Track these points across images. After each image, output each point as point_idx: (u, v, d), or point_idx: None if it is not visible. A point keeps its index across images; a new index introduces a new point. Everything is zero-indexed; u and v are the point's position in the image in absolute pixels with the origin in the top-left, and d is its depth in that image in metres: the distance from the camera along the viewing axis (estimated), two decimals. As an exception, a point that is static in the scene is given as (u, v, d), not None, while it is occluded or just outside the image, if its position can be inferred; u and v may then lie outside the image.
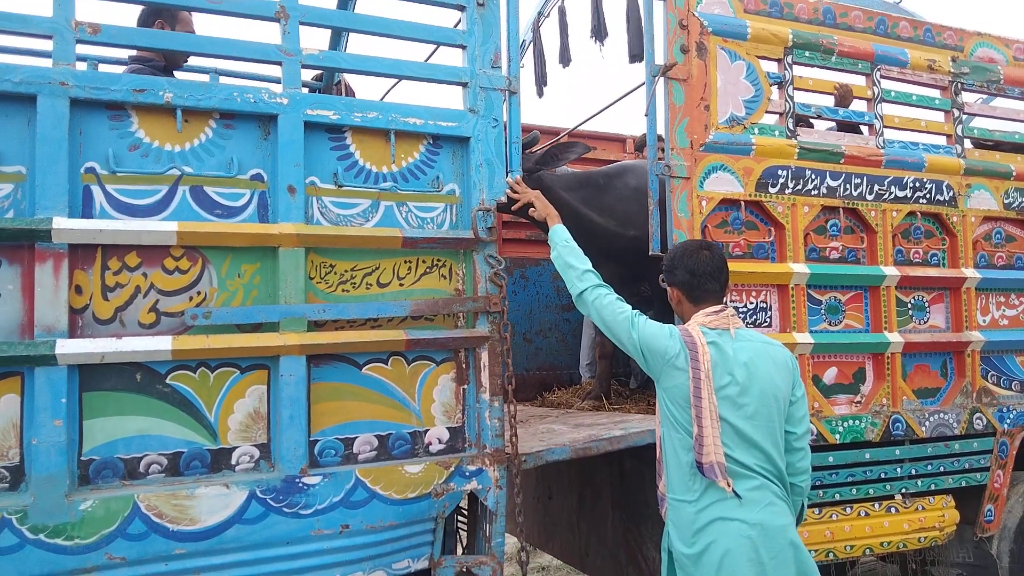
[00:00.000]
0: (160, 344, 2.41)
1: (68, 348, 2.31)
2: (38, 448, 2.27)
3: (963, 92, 4.23)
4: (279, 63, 2.65)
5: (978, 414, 4.05)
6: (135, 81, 2.48)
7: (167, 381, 2.47)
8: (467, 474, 2.79)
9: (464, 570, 2.82)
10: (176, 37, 2.57)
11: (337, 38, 4.31)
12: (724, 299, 2.62)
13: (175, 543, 2.38)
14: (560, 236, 2.82)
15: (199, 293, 2.52)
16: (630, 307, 2.58)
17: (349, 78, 4.63)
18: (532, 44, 5.10)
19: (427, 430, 2.81)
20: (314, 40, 2.73)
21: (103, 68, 3.63)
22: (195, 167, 2.55)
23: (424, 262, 2.85)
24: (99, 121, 2.45)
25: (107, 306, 2.43)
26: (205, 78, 3.89)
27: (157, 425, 2.45)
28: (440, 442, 2.83)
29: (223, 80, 3.57)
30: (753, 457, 2.43)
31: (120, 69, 3.40)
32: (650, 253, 3.45)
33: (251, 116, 2.61)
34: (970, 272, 4.10)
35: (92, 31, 2.44)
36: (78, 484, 2.35)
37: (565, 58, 4.81)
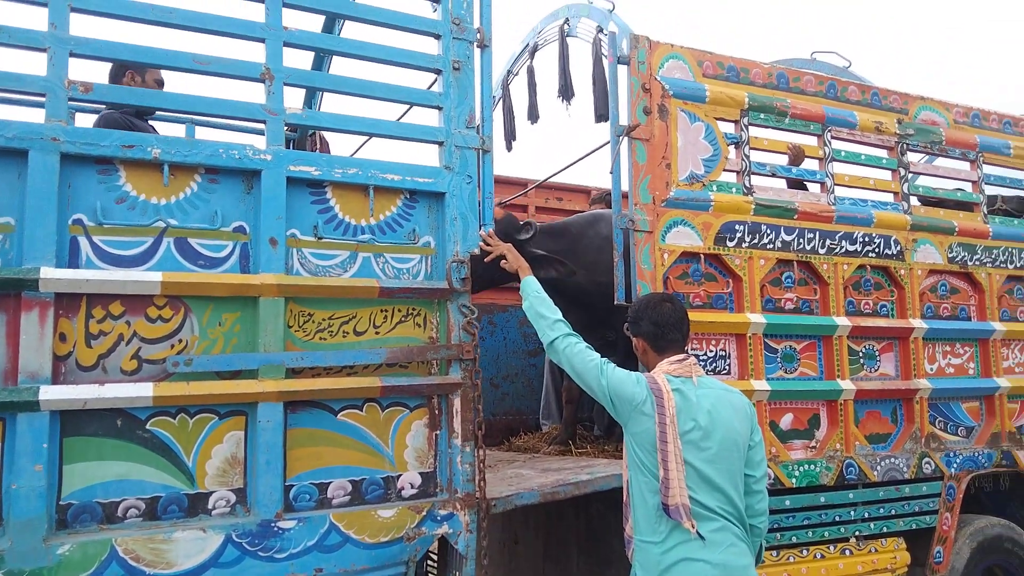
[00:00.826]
0: (141, 391, 2.48)
1: (51, 395, 2.36)
2: (17, 493, 2.31)
3: (908, 152, 4.50)
4: (263, 121, 2.78)
5: (927, 459, 4.24)
6: (124, 137, 2.59)
7: (147, 427, 2.53)
8: (438, 518, 2.87)
9: (434, 613, 2.88)
10: (164, 96, 2.68)
11: (312, 95, 4.46)
12: (686, 348, 2.77)
13: (151, 587, 2.42)
14: (531, 287, 2.96)
15: (180, 341, 2.60)
16: (599, 355, 2.72)
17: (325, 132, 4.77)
18: (501, 100, 5.29)
19: (400, 475, 2.90)
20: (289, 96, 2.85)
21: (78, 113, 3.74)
22: (180, 219, 2.65)
23: (400, 311, 2.97)
24: (88, 175, 2.54)
25: (90, 353, 2.49)
26: (179, 127, 4.00)
27: (136, 470, 2.50)
28: (412, 487, 2.91)
29: (199, 130, 3.68)
30: (715, 499, 2.55)
31: (94, 117, 3.50)
32: (615, 302, 3.60)
33: (235, 171, 2.72)
34: (917, 323, 4.32)
35: (84, 90, 2.55)
36: (56, 528, 2.38)
37: (533, 115, 5.01)
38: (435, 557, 3.22)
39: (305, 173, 2.80)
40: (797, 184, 4.49)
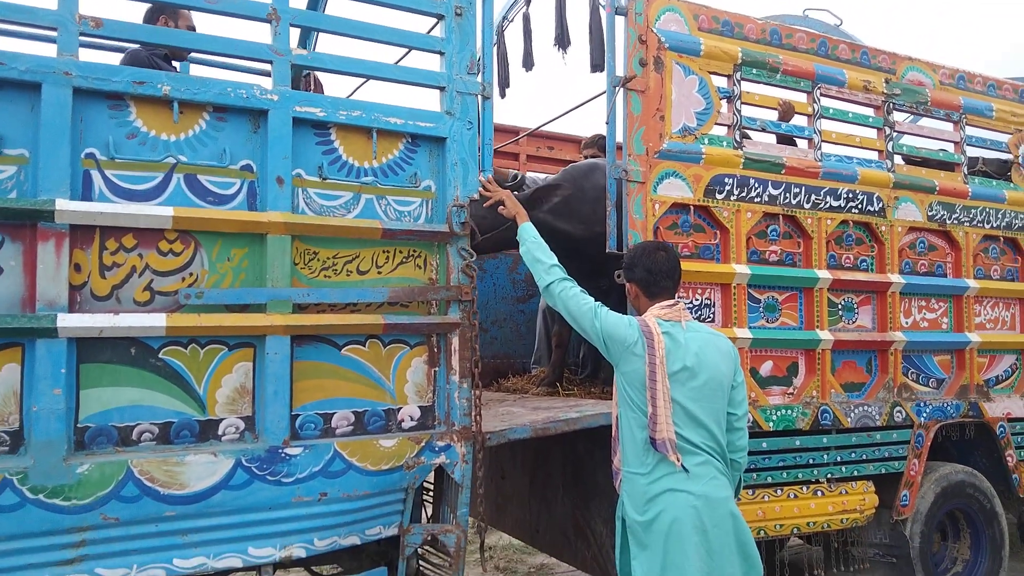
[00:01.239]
0: (155, 321, 2.58)
1: (68, 322, 2.46)
2: (38, 415, 2.42)
3: (894, 112, 4.61)
4: (270, 62, 2.83)
5: (898, 407, 4.44)
6: (134, 73, 2.64)
7: (160, 356, 2.64)
8: (436, 449, 3.02)
9: (430, 537, 3.05)
10: (173, 34, 2.72)
11: (307, 35, 4.47)
12: (676, 295, 2.90)
13: (166, 506, 2.55)
14: (529, 233, 3.06)
15: (191, 274, 2.70)
16: (593, 299, 2.84)
17: (319, 73, 4.78)
18: (495, 46, 5.31)
19: (400, 408, 3.03)
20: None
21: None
22: (189, 156, 2.72)
23: (401, 252, 3.07)
24: (99, 110, 2.60)
25: (104, 284, 2.58)
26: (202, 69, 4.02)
27: (149, 396, 2.62)
28: (412, 419, 3.05)
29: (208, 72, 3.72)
30: (700, 436, 2.71)
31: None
32: (607, 251, 3.72)
33: (243, 110, 2.78)
34: (895, 277, 4.48)
35: (95, 24, 2.59)
36: (75, 449, 2.51)
37: (528, 62, 5.05)
38: (431, 486, 3.38)
39: (310, 114, 2.87)
40: (786, 140, 4.59)
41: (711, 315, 3.97)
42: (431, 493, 3.45)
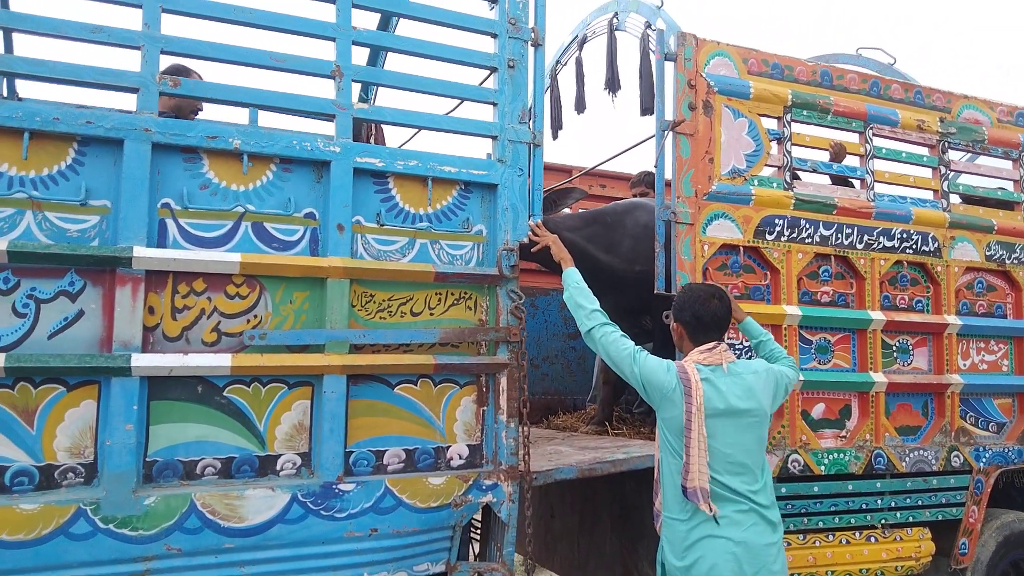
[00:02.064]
0: (221, 360, 2.73)
1: (141, 361, 2.62)
2: (111, 448, 2.58)
3: (950, 150, 4.57)
4: (332, 116, 2.99)
5: (956, 452, 4.35)
6: (208, 128, 2.83)
7: (224, 393, 2.79)
8: (484, 488, 3.10)
9: (476, 575, 3.11)
10: (242, 91, 2.89)
11: (367, 88, 4.67)
12: (722, 339, 2.93)
13: (225, 538, 2.68)
14: (572, 278, 3.14)
15: (256, 316, 2.85)
16: (633, 343, 2.90)
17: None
18: (549, 89, 5.45)
19: (449, 446, 3.12)
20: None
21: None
22: (257, 205, 2.88)
23: (453, 294, 3.18)
24: (175, 163, 2.79)
25: (175, 325, 2.75)
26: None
27: (213, 432, 2.77)
28: (460, 458, 3.14)
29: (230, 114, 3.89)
30: (742, 481, 2.72)
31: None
32: (655, 291, 3.77)
33: (307, 162, 2.95)
34: (952, 319, 4.41)
35: (173, 84, 2.79)
36: (143, 482, 2.66)
37: (580, 106, 5.17)
38: (478, 524, 3.45)
39: (370, 164, 3.02)
40: (841, 181, 4.59)
41: (761, 357, 3.97)
42: (479, 531, 3.52)
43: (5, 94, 3.95)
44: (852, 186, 4.50)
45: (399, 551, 2.96)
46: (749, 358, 3.91)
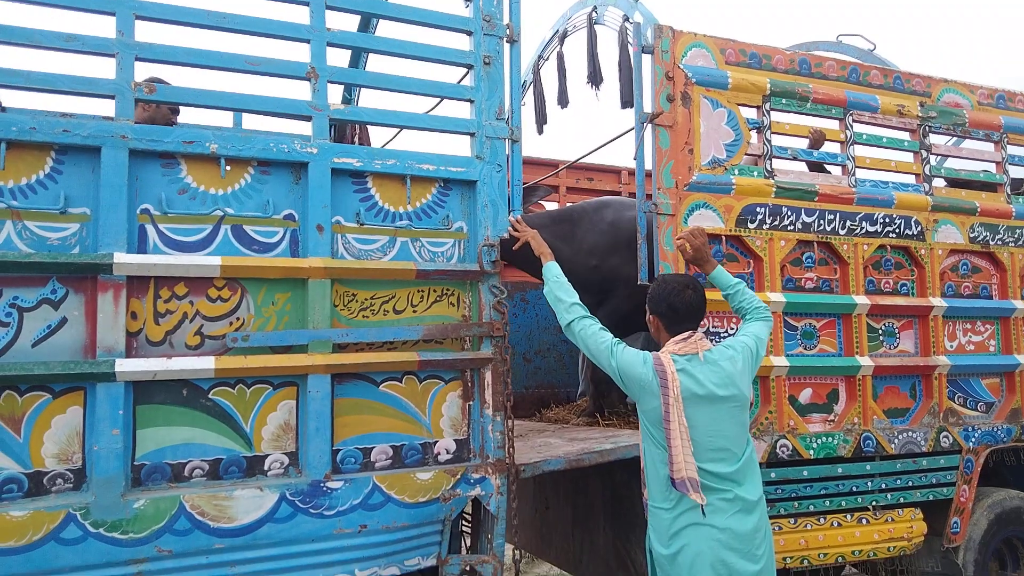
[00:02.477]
0: (204, 363, 2.76)
1: (125, 367, 2.65)
2: (99, 454, 2.61)
3: (930, 134, 4.59)
4: (309, 118, 3.02)
5: (945, 433, 4.37)
6: (185, 133, 2.85)
7: (209, 396, 2.81)
8: (472, 481, 3.13)
9: (468, 568, 3.14)
10: (217, 95, 2.91)
11: (350, 88, 4.69)
12: (697, 328, 2.94)
13: (215, 539, 2.71)
14: (552, 272, 3.16)
15: (238, 319, 2.88)
16: (611, 336, 2.92)
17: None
18: (532, 85, 5.47)
19: (436, 441, 3.15)
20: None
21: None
22: (236, 208, 2.91)
23: (435, 291, 3.21)
24: (153, 168, 2.82)
25: (158, 330, 2.78)
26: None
27: (200, 435, 2.79)
28: (448, 452, 3.17)
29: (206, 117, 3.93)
30: (725, 466, 2.74)
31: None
32: (638, 283, 3.80)
33: (285, 163, 2.97)
34: (937, 301, 4.43)
35: (148, 91, 2.81)
36: (132, 485, 2.69)
37: (563, 100, 5.19)
38: (469, 517, 3.48)
39: (348, 164, 3.04)
40: (818, 167, 4.62)
41: (747, 344, 3.99)
42: (469, 523, 3.55)
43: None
44: (828, 172, 4.53)
45: (389, 546, 2.99)
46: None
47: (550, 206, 6.05)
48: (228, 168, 2.90)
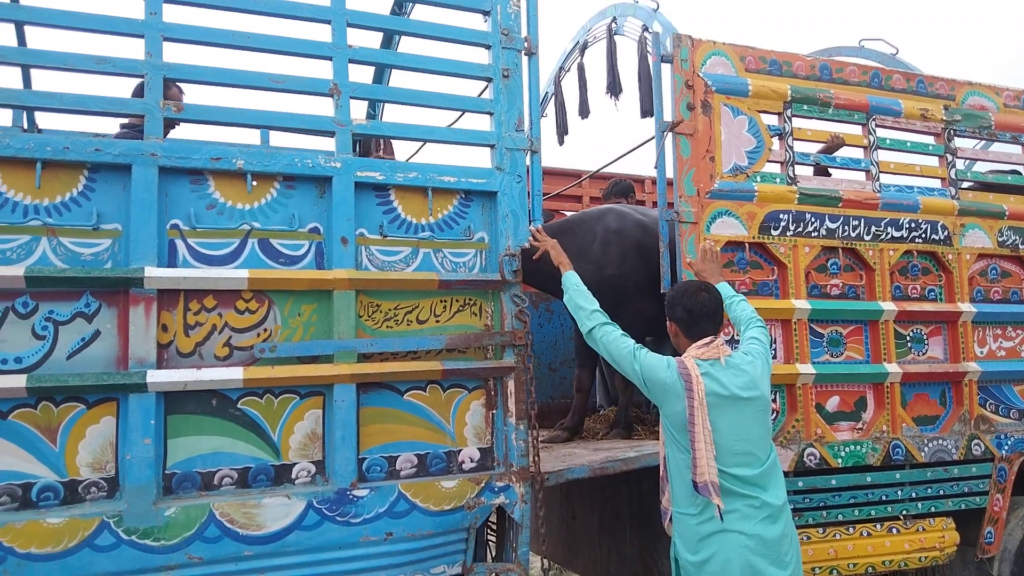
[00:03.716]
0: (233, 374, 2.82)
1: (156, 378, 2.72)
2: (131, 463, 2.68)
3: (956, 138, 4.55)
4: (333, 133, 3.08)
5: (976, 440, 4.31)
6: (212, 150, 2.93)
7: (238, 406, 2.87)
8: (496, 489, 3.15)
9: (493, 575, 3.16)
10: (247, 113, 3.00)
11: (374, 105, 4.78)
12: (718, 333, 2.95)
13: (244, 546, 2.76)
14: (571, 280, 3.19)
15: (265, 330, 2.94)
16: (633, 341, 2.93)
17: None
18: (553, 96, 5.52)
19: (460, 450, 3.18)
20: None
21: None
22: (262, 222, 2.98)
23: (457, 301, 3.25)
24: (182, 185, 2.89)
25: (188, 341, 2.85)
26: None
27: (229, 443, 2.85)
28: (472, 461, 3.19)
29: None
30: (751, 470, 2.73)
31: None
32: (661, 291, 3.81)
33: (310, 178, 3.04)
34: (966, 306, 4.38)
35: (177, 110, 2.90)
36: (163, 494, 2.75)
37: (584, 110, 5.23)
38: (494, 525, 3.50)
39: (371, 178, 3.10)
40: (822, 172, 4.61)
41: (772, 351, 3.98)
42: (494, 531, 3.57)
43: (25, 126, 4.10)
44: (830, 175, 4.52)
45: (415, 554, 3.01)
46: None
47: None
48: (254, 183, 2.97)
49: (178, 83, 3.36)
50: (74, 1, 2.87)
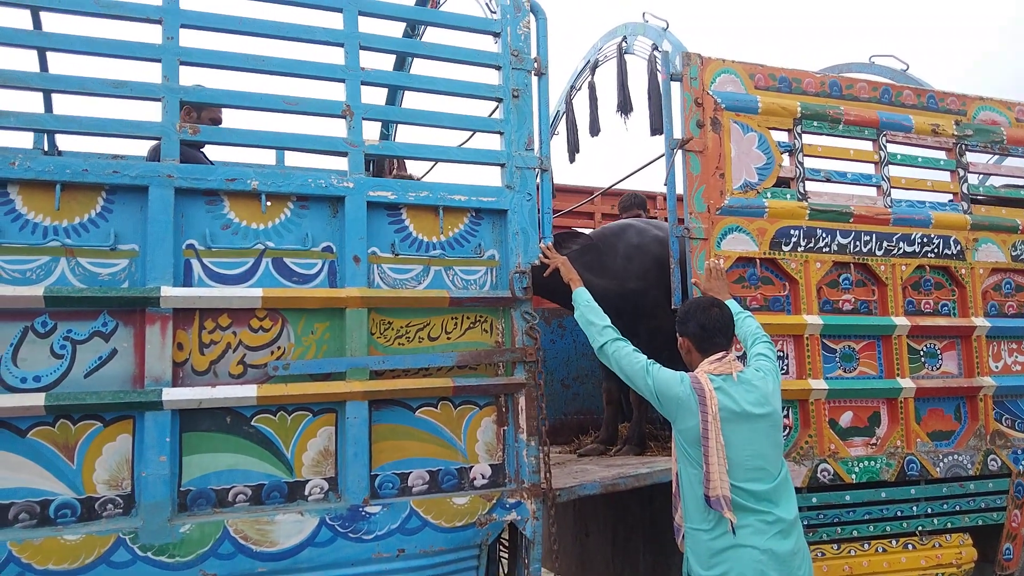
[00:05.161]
0: (247, 392, 2.86)
1: (172, 396, 2.76)
2: (147, 480, 2.71)
3: (967, 153, 4.54)
4: (345, 153, 3.13)
5: (992, 456, 4.27)
6: (227, 172, 2.98)
7: (252, 423, 2.91)
8: (507, 506, 3.16)
9: (505, 592, 3.17)
10: (258, 135, 3.05)
11: (388, 125, 4.84)
12: (730, 349, 2.96)
13: (258, 562, 2.78)
14: (582, 297, 3.21)
15: (279, 348, 2.98)
16: (645, 357, 2.95)
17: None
18: (565, 115, 5.56)
19: (472, 466, 3.20)
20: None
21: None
22: (276, 242, 3.02)
23: (468, 318, 3.27)
24: (197, 205, 2.95)
25: (203, 360, 2.89)
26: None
27: (243, 461, 2.88)
28: (483, 477, 3.21)
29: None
30: (762, 482, 2.74)
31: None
32: (672, 307, 3.82)
33: (323, 198, 3.09)
34: (980, 321, 4.36)
35: (193, 132, 2.96)
36: (178, 510, 2.78)
37: (595, 129, 5.27)
38: (507, 543, 3.50)
39: (383, 197, 3.15)
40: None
41: (784, 367, 3.97)
42: (507, 548, 3.57)
43: (46, 148, 4.18)
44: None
45: (427, 570, 3.03)
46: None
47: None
48: (268, 203, 3.02)
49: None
50: (94, 27, 2.94)
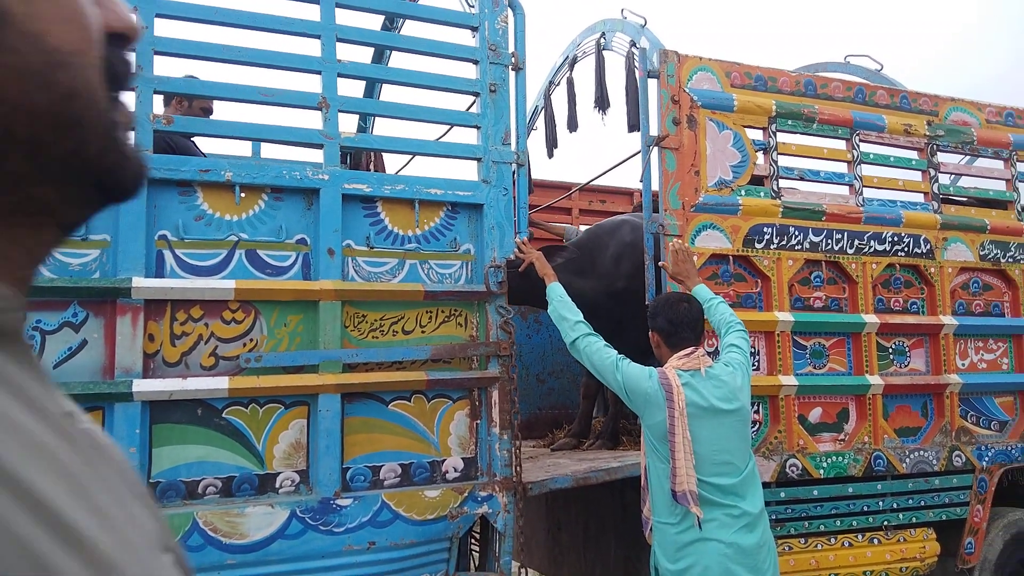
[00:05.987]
0: (219, 384, 2.85)
1: (142, 387, 2.75)
2: (116, 471, 2.69)
3: (939, 153, 4.62)
4: (321, 145, 3.12)
5: (957, 452, 4.36)
6: (201, 163, 2.96)
7: (223, 415, 2.90)
8: (479, 499, 3.18)
9: (476, 585, 3.19)
10: (234, 126, 3.04)
11: (365, 118, 4.82)
12: (699, 344, 3.00)
13: (227, 554, 2.78)
14: (556, 292, 3.23)
15: (251, 340, 2.97)
16: (616, 352, 2.98)
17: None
18: (543, 110, 5.57)
19: (444, 460, 3.21)
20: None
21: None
22: (250, 233, 3.01)
23: (443, 312, 3.28)
24: (170, 196, 2.93)
25: (174, 351, 2.87)
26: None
27: (214, 453, 2.88)
28: (455, 470, 3.22)
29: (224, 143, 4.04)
30: (728, 476, 2.78)
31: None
32: (647, 303, 3.85)
33: (297, 190, 3.08)
34: (948, 319, 4.44)
35: (167, 122, 2.93)
36: (148, 503, 2.76)
37: (573, 124, 5.28)
38: (477, 535, 3.53)
39: (358, 190, 3.14)
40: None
41: (755, 363, 4.02)
42: (478, 540, 3.59)
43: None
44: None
45: (397, 563, 3.04)
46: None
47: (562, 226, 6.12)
48: (243, 195, 3.00)
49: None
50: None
